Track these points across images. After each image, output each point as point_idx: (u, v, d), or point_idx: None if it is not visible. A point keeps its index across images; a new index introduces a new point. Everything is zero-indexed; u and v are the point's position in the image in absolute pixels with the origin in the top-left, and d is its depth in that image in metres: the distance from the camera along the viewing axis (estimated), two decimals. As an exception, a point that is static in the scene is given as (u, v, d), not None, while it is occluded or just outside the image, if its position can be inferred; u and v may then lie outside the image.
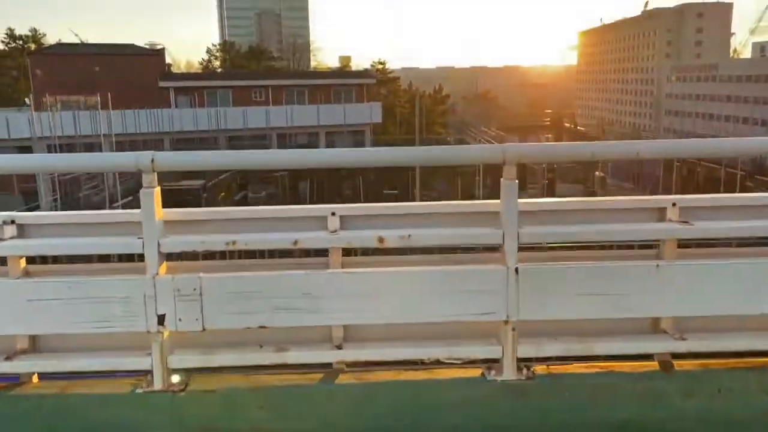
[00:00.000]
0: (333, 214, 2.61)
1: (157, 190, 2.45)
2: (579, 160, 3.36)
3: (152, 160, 2.40)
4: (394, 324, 2.58)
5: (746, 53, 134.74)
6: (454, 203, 2.74)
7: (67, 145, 30.39)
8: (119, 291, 2.43)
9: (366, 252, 2.74)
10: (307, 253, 2.76)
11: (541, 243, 2.73)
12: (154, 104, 40.21)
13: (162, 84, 42.55)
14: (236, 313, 2.46)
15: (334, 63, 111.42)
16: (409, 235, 2.53)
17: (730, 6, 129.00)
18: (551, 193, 35.87)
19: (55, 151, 30.43)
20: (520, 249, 2.47)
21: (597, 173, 42.10)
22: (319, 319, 2.53)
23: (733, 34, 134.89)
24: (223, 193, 27.61)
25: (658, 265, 2.51)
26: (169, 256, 2.53)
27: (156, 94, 42.01)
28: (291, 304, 2.47)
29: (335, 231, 2.58)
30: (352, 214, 2.65)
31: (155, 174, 2.44)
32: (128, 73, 40.39)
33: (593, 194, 33.95)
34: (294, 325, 2.53)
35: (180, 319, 2.42)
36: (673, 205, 2.62)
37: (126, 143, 33.69)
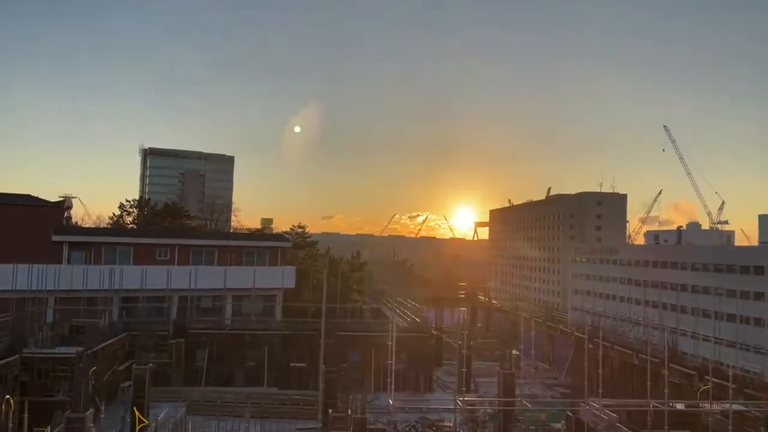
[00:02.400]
0: None
1: None
2: None
3: None
4: None
5: (639, 239, 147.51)
6: None
7: None
8: None
9: None
10: None
11: None
12: (45, 259, 36.84)
13: (55, 238, 39.33)
14: None
15: (256, 225, 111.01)
16: None
17: (624, 196, 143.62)
18: (468, 370, 34.18)
19: None
20: None
21: (513, 352, 41.20)
22: None
23: (628, 221, 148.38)
24: (94, 369, 23.78)
25: None
26: None
27: (48, 249, 38.72)
28: None
29: None
30: None
31: None
32: (18, 225, 37.36)
33: (509, 375, 32.48)
34: None
35: None
36: None
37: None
